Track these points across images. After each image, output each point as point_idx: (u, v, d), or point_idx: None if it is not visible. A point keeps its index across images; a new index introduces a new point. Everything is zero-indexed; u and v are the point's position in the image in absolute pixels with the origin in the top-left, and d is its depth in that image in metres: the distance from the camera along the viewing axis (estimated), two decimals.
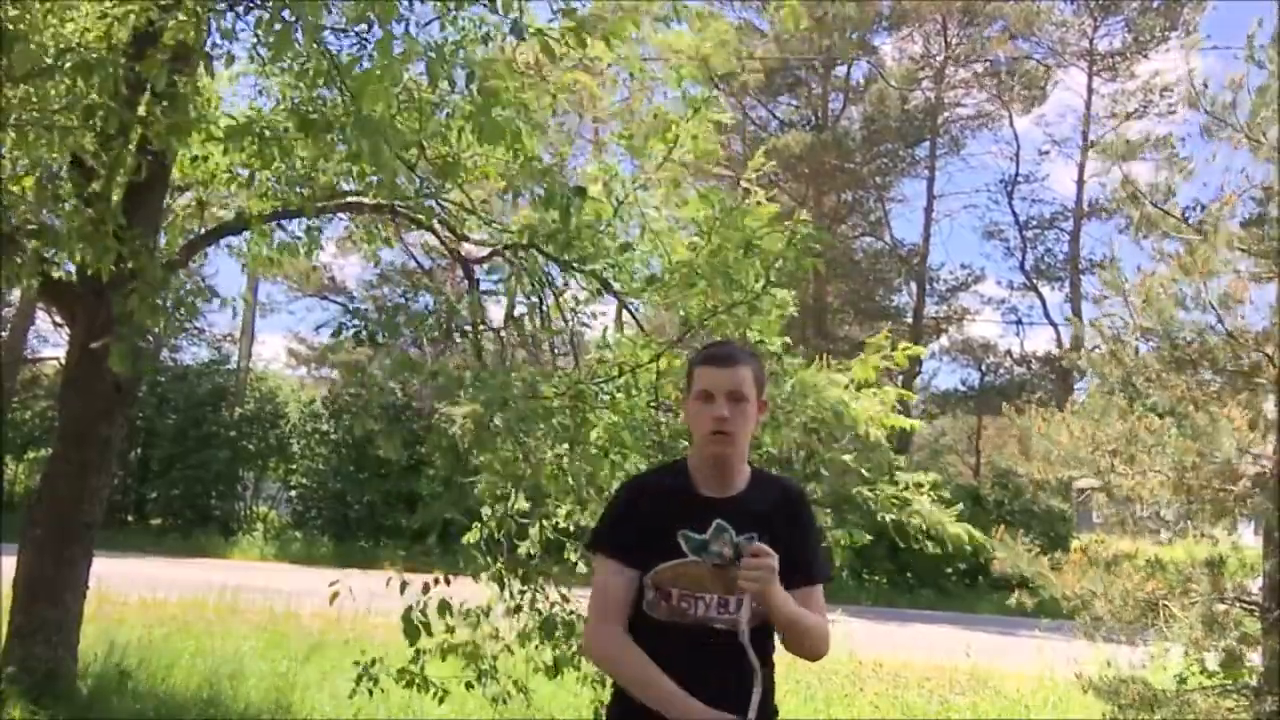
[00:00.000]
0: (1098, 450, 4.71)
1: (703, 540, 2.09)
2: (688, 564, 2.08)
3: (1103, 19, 24.38)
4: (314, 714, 5.78)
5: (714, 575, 2.07)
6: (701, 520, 2.10)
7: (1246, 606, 4.58)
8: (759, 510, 2.13)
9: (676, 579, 2.08)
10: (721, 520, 2.10)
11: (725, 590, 2.06)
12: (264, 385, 21.57)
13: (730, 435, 2.11)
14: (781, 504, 2.19)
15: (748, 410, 2.13)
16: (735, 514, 2.10)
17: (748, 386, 2.13)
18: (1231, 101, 4.52)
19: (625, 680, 2.08)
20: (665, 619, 2.09)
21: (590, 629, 2.15)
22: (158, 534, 18.13)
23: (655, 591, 2.09)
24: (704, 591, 2.07)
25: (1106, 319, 4.95)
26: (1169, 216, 4.73)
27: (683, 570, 2.08)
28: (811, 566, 2.19)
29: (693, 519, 2.10)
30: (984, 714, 7.23)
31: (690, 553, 2.08)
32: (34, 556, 5.38)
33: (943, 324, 27.10)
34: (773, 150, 21.82)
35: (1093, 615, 4.67)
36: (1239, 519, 4.57)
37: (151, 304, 4.53)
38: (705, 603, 2.08)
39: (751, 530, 2.08)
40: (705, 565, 2.08)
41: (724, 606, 2.07)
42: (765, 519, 2.12)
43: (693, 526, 2.10)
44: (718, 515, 2.10)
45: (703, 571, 2.08)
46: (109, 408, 5.48)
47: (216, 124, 5.26)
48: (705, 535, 2.09)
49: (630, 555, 2.10)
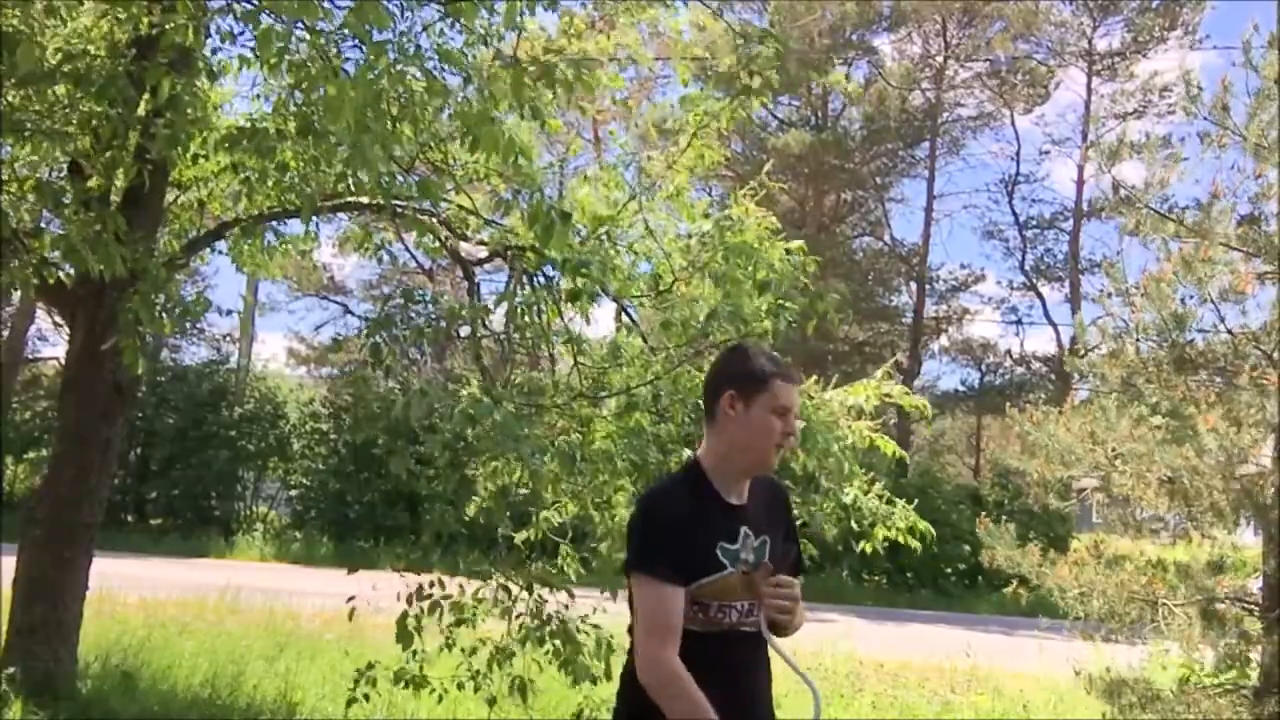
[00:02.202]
0: (1097, 449, 4.72)
1: (735, 551, 2.14)
2: (726, 576, 2.12)
3: (1102, 19, 24.37)
4: (314, 714, 5.78)
5: (743, 583, 2.13)
6: (731, 529, 2.15)
7: (1246, 606, 4.58)
8: (765, 513, 2.23)
9: (718, 593, 2.12)
10: (746, 528, 2.17)
11: (751, 596, 2.13)
12: (264, 385, 21.56)
13: (786, 446, 2.24)
14: (774, 503, 2.30)
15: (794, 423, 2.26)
16: (752, 519, 2.18)
17: (796, 401, 2.27)
18: (1224, 105, 4.53)
19: (675, 711, 2.03)
20: (700, 629, 2.10)
21: (652, 653, 2.07)
22: (158, 534, 18.13)
23: (694, 605, 2.10)
24: (736, 599, 2.13)
25: (1107, 319, 4.95)
26: (1168, 220, 4.73)
27: (722, 584, 2.12)
28: (798, 559, 2.34)
29: (725, 530, 2.15)
30: (984, 714, 7.23)
31: (729, 565, 2.12)
32: (34, 556, 5.38)
33: (943, 324, 27.08)
34: (773, 150, 21.92)
35: (1090, 612, 4.67)
36: (1240, 519, 4.57)
37: (152, 306, 4.53)
38: (738, 610, 2.13)
39: (764, 534, 2.18)
40: (736, 574, 2.13)
41: (750, 613, 2.14)
42: (771, 521, 2.22)
43: (727, 538, 2.14)
44: (740, 523, 2.17)
45: (734, 581, 2.13)
46: (109, 408, 5.48)
47: (216, 128, 5.25)
48: (736, 546, 2.14)
49: (684, 574, 2.09)
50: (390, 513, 17.61)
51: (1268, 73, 4.46)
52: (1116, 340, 4.87)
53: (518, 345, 5.03)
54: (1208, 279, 4.48)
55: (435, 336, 5.04)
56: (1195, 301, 4.60)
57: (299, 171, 5.02)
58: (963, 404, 27.30)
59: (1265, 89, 4.45)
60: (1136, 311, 4.78)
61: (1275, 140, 4.50)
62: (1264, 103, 4.45)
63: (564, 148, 6.72)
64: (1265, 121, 4.47)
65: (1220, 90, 4.54)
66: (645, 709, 2.07)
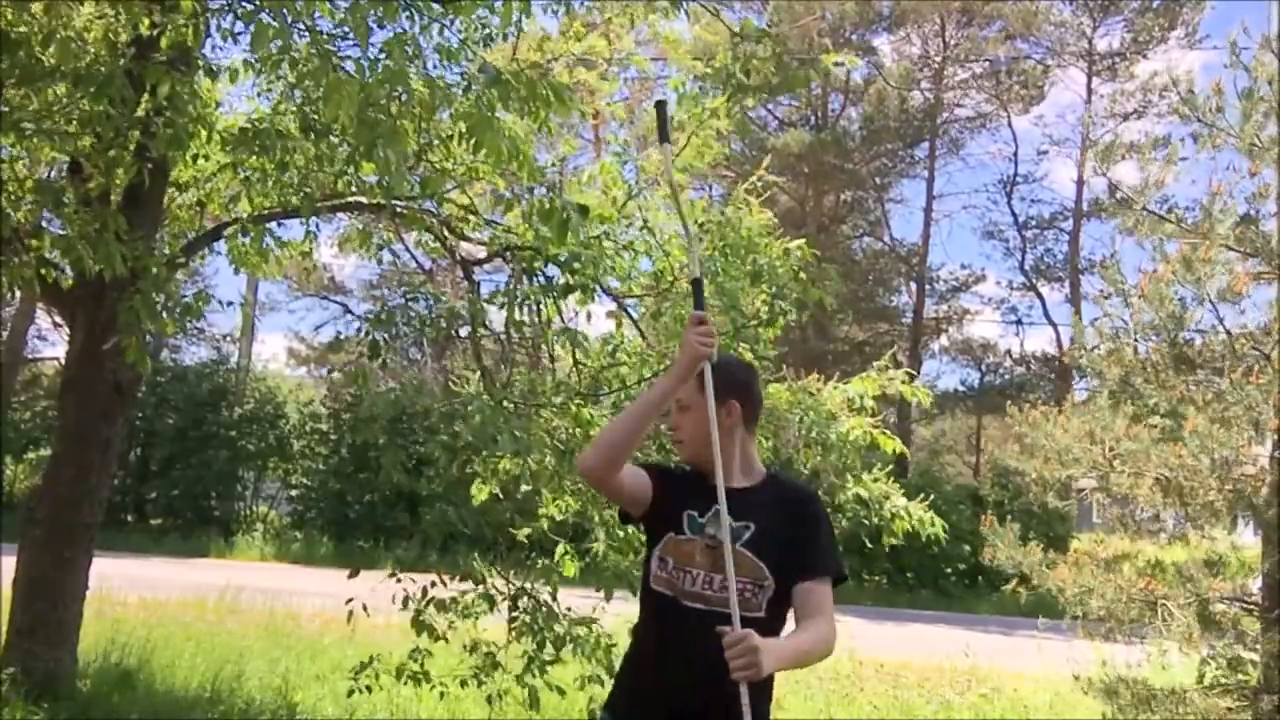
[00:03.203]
0: (1095, 448, 4.72)
1: (702, 523, 2.26)
2: (683, 540, 2.27)
3: (1102, 19, 24.37)
4: (315, 713, 5.78)
5: (704, 553, 2.23)
6: (707, 505, 2.24)
7: (1246, 606, 4.58)
8: (759, 502, 2.27)
9: (676, 554, 2.27)
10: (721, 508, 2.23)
11: (710, 568, 2.22)
12: (264, 385, 21.55)
13: (678, 441, 2.39)
14: (789, 501, 2.32)
15: (695, 416, 2.30)
16: (739, 503, 2.22)
17: (689, 394, 2.31)
18: (1218, 106, 4.54)
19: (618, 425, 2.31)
20: (663, 589, 2.27)
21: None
22: (158, 534, 18.11)
23: (659, 559, 2.29)
24: (693, 566, 2.24)
25: (1105, 319, 4.96)
26: (1166, 221, 4.74)
27: (679, 546, 2.27)
28: (815, 561, 2.25)
29: (700, 502, 2.27)
30: (984, 714, 7.23)
31: (689, 531, 2.26)
32: (34, 556, 5.39)
33: (942, 324, 27.09)
34: (772, 150, 21.92)
35: (1089, 612, 4.67)
36: (1239, 519, 4.57)
37: (153, 304, 4.53)
38: (692, 576, 2.23)
39: (749, 519, 2.24)
40: (699, 544, 2.24)
41: (709, 583, 2.22)
42: (765, 510, 2.26)
43: (698, 509, 2.27)
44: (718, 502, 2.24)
45: (694, 548, 2.25)
46: (109, 408, 5.48)
47: (215, 129, 5.26)
48: (704, 520, 2.26)
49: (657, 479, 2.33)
50: (390, 513, 17.59)
51: (1260, 74, 4.47)
52: (1115, 340, 4.87)
53: (517, 345, 5.04)
54: (1207, 279, 4.49)
55: (435, 336, 5.05)
56: (1193, 301, 4.61)
57: (299, 171, 5.03)
58: (963, 404, 27.29)
59: (1257, 90, 4.46)
60: (1135, 312, 4.78)
61: (1269, 140, 4.50)
62: (1256, 104, 4.46)
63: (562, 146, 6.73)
64: (1258, 122, 4.48)
65: (1212, 92, 4.55)
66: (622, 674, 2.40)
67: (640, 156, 5.53)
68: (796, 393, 4.82)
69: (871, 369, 5.25)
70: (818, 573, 2.23)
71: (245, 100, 6.04)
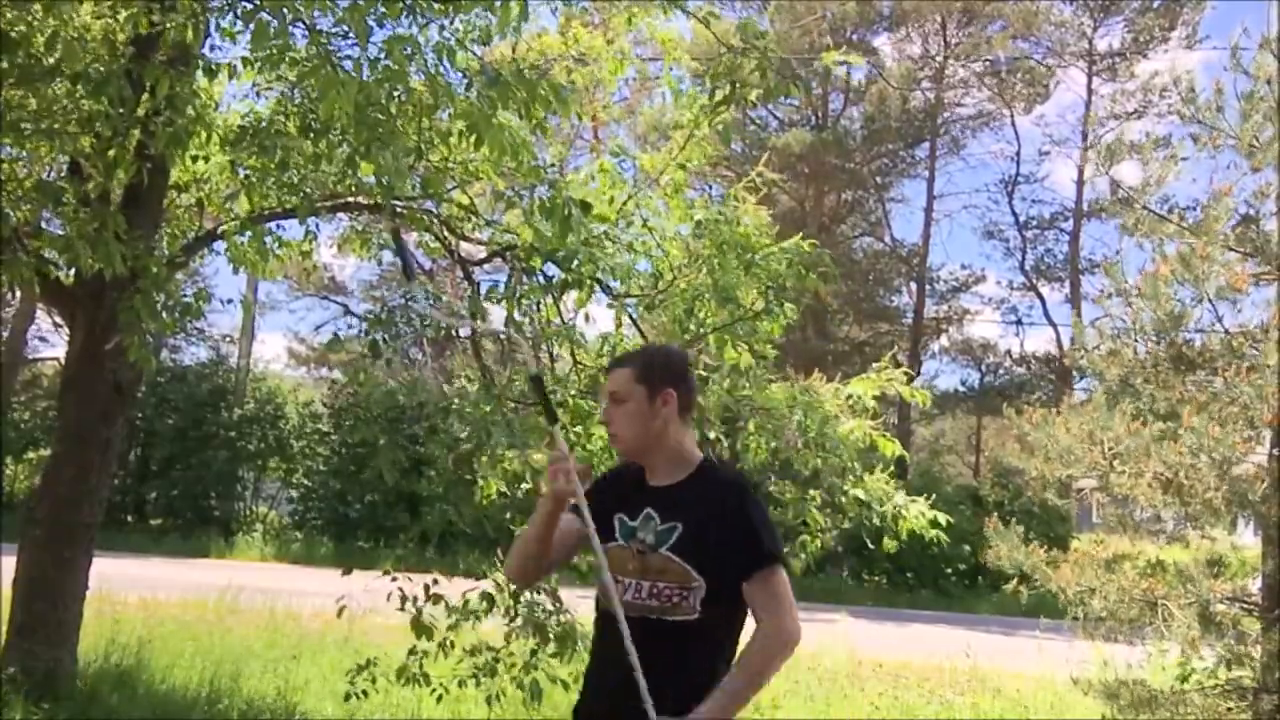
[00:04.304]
0: (1094, 448, 4.72)
1: (632, 527, 2.23)
2: (615, 548, 2.22)
3: (1102, 19, 24.37)
4: (314, 714, 5.78)
5: (635, 559, 2.19)
6: (637, 506, 2.23)
7: (1246, 606, 4.58)
8: (686, 499, 2.20)
9: (610, 561, 2.21)
10: (650, 509, 2.21)
11: (641, 575, 2.18)
12: (264, 385, 21.55)
13: (613, 435, 2.31)
14: (713, 500, 2.20)
15: (630, 409, 2.25)
16: (663, 502, 2.21)
17: (624, 385, 2.26)
18: (1218, 107, 4.54)
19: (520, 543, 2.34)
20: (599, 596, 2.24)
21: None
22: (158, 534, 18.12)
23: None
24: (625, 576, 2.19)
25: (1105, 319, 4.95)
26: (1166, 221, 4.74)
27: (613, 554, 2.22)
28: (749, 558, 2.15)
29: (630, 505, 2.24)
30: (984, 714, 7.23)
31: (621, 538, 2.23)
32: (34, 556, 5.39)
33: (943, 324, 27.08)
34: (773, 150, 21.92)
35: (1090, 613, 4.67)
36: (1239, 519, 4.57)
37: (153, 304, 4.53)
38: (623, 585, 2.19)
39: (675, 519, 2.18)
40: (630, 549, 2.20)
41: (638, 591, 2.17)
42: (691, 507, 2.18)
43: (629, 512, 2.24)
44: (650, 503, 2.22)
45: (627, 554, 2.21)
46: (109, 408, 5.48)
47: (215, 128, 5.25)
48: (635, 523, 2.22)
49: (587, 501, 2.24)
50: (390, 513, 17.59)
51: (1259, 74, 4.47)
52: (1115, 340, 4.87)
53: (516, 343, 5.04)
54: (1206, 278, 4.48)
55: (435, 335, 5.06)
56: (1193, 301, 4.60)
57: (299, 171, 5.02)
58: (963, 404, 27.29)
59: (1257, 91, 4.46)
60: (1135, 311, 4.78)
61: (1268, 140, 4.50)
62: (1256, 104, 4.46)
63: (561, 146, 6.72)
64: (1257, 123, 4.47)
65: (1214, 93, 4.55)
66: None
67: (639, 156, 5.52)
68: (796, 393, 4.82)
69: (871, 369, 5.25)
70: (759, 566, 2.14)
71: (242, 100, 6.04)
